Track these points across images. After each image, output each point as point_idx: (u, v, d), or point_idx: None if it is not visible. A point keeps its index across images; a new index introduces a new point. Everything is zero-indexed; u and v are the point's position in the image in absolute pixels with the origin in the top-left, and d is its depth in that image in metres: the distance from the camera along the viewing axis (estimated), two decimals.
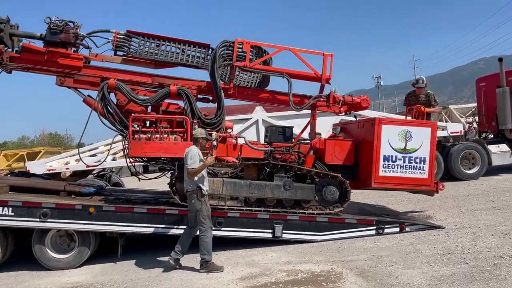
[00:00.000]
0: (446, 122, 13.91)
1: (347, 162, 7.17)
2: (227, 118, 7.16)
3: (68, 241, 6.52)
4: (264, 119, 12.01)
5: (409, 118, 8.70)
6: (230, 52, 6.98)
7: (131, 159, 7.03)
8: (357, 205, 8.51)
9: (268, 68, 7.26)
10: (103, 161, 8.69)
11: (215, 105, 7.07)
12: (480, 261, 5.13)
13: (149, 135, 6.56)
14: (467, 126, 13.66)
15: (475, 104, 15.10)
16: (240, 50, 7.01)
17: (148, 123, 6.83)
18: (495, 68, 13.45)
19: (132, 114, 6.69)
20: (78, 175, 11.47)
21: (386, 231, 6.87)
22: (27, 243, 6.45)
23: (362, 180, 7.22)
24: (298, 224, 6.74)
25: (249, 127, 11.95)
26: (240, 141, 6.98)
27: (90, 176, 11.90)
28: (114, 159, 11.23)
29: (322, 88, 7.46)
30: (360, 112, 8.33)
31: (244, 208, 6.73)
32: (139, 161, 7.19)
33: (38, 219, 6.24)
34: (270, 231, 6.66)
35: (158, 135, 6.55)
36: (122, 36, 6.86)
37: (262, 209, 6.78)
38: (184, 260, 6.11)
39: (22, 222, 6.24)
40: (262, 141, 8.54)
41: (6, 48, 6.63)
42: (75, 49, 6.89)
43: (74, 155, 11.63)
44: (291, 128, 7.53)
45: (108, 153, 9.02)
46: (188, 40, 7.10)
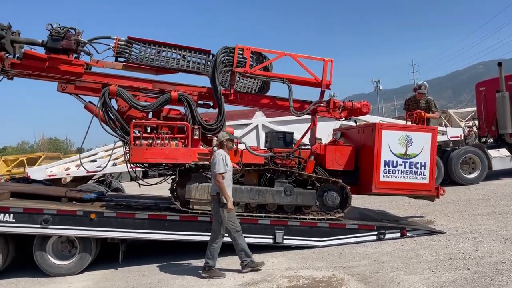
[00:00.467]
0: (446, 126, 13.93)
1: (348, 167, 7.17)
2: (227, 124, 7.18)
3: (69, 247, 6.53)
4: (264, 124, 12.01)
5: (409, 123, 8.72)
6: (231, 58, 7.00)
7: (132, 165, 7.04)
8: (357, 210, 8.51)
9: (268, 74, 7.29)
10: (105, 167, 8.69)
11: (216, 110, 7.09)
12: (481, 266, 5.13)
13: (150, 141, 6.57)
14: (467, 130, 13.68)
15: (474, 108, 15.12)
16: (240, 56, 7.04)
17: (149, 129, 6.85)
18: (494, 72, 13.47)
19: (133, 120, 6.72)
20: (78, 180, 11.47)
21: (387, 236, 6.87)
22: (28, 250, 6.44)
23: (362, 185, 7.22)
24: (299, 229, 6.74)
25: (249, 132, 11.95)
26: (241, 146, 6.99)
27: (91, 181, 11.90)
28: (115, 165, 11.23)
29: (322, 94, 7.48)
30: (360, 117, 8.35)
31: (245, 213, 6.73)
32: (140, 167, 7.19)
33: (39, 226, 6.25)
34: (271, 236, 6.66)
35: (159, 141, 6.57)
36: (123, 43, 6.88)
37: (263, 214, 6.78)
38: (185, 266, 6.10)
39: (23, 229, 6.25)
40: (263, 146, 8.55)
41: (7, 55, 6.66)
42: (77, 55, 6.91)
43: (74, 161, 11.64)
44: (291, 133, 7.54)
45: (109, 159, 9.03)
46: (188, 46, 7.12)
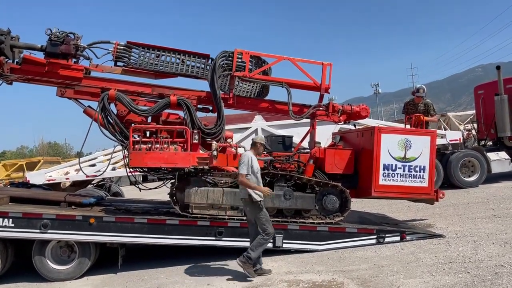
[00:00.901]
0: (445, 129, 13.95)
1: (347, 171, 7.18)
2: (226, 128, 7.19)
3: (68, 252, 6.50)
4: (264, 128, 12.04)
5: (408, 126, 8.73)
6: (230, 62, 7.02)
7: (131, 169, 7.04)
8: (357, 213, 8.51)
9: (267, 78, 7.30)
10: (104, 171, 8.70)
11: (215, 115, 7.11)
12: (481, 270, 5.12)
13: (149, 146, 6.59)
14: (466, 133, 13.70)
15: (473, 111, 15.15)
16: (239, 60, 7.06)
17: (148, 133, 6.86)
18: (493, 75, 13.50)
19: (133, 125, 6.73)
20: (78, 185, 11.48)
21: (387, 240, 6.86)
22: (27, 255, 6.42)
23: (362, 189, 7.23)
24: (298, 233, 6.73)
25: (248, 136, 11.97)
26: (240, 150, 6.99)
27: (90, 186, 11.90)
28: (114, 169, 11.24)
29: (321, 97, 7.49)
30: (359, 120, 8.36)
31: (244, 218, 6.71)
32: (140, 171, 7.19)
33: (38, 230, 6.23)
34: (271, 240, 6.64)
35: (158, 145, 6.58)
36: (122, 47, 6.90)
37: None
38: (185, 271, 6.08)
39: (22, 234, 6.24)
40: None
41: (7, 60, 6.68)
42: (76, 60, 6.95)
43: (74, 165, 11.65)
44: (290, 137, 7.55)
45: (109, 163, 9.05)
46: (188, 51, 7.14)
